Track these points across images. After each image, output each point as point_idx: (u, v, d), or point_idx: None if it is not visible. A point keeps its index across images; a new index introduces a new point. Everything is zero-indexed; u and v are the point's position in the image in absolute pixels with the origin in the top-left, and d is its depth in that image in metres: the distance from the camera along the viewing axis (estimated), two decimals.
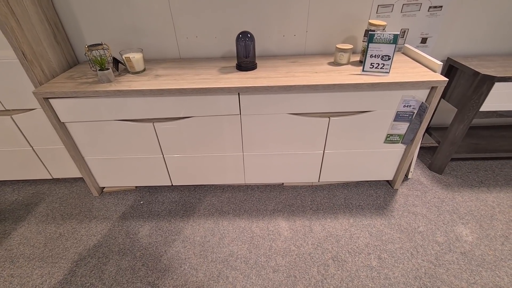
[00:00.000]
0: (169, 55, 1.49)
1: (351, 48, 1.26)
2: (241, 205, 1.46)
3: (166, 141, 1.33)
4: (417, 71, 1.20)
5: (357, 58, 1.38)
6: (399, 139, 1.33)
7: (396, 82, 1.11)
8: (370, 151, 1.38)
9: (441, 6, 1.34)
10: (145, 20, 1.37)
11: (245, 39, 1.21)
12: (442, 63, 1.16)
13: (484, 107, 1.32)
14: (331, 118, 1.25)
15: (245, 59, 1.27)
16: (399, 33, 1.09)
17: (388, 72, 1.16)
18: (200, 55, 1.48)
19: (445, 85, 1.12)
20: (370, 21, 1.22)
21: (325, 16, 1.36)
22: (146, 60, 1.44)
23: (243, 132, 1.30)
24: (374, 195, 1.49)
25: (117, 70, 1.31)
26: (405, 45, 1.43)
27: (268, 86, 1.12)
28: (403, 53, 1.44)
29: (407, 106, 1.22)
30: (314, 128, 1.29)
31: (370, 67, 1.18)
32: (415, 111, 1.23)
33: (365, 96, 1.18)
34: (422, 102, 1.19)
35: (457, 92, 1.43)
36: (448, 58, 1.48)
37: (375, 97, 1.18)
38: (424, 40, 1.44)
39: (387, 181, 1.57)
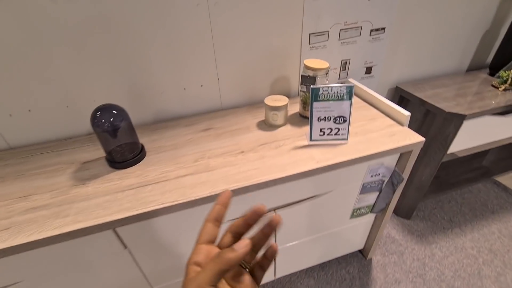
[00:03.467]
0: None
1: (286, 104, 0.85)
2: None
3: None
4: (379, 125, 0.86)
5: (295, 107, 0.98)
6: (368, 210, 0.99)
7: (361, 157, 0.74)
8: (333, 231, 1.01)
9: (384, 28, 1.04)
10: None
11: (108, 121, 0.68)
12: (409, 114, 0.83)
13: (453, 148, 1.08)
14: (277, 212, 0.82)
15: (118, 149, 0.73)
16: (353, 84, 0.71)
17: (347, 139, 0.78)
18: (44, 137, 0.87)
19: (422, 146, 0.80)
20: (305, 62, 0.83)
21: (240, 55, 0.92)
22: None
23: (141, 266, 0.77)
24: (347, 278, 1.13)
25: None
26: (348, 79, 1.09)
27: (164, 207, 0.62)
28: None
29: (375, 176, 0.87)
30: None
31: (320, 135, 0.78)
32: (386, 179, 0.89)
33: (319, 179, 0.78)
34: (395, 170, 0.85)
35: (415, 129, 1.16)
36: (397, 87, 1.21)
37: (333, 176, 0.80)
38: (369, 70, 1.13)
39: (358, 250, 1.24)
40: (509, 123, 1.14)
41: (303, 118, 0.92)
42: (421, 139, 0.78)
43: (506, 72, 1.12)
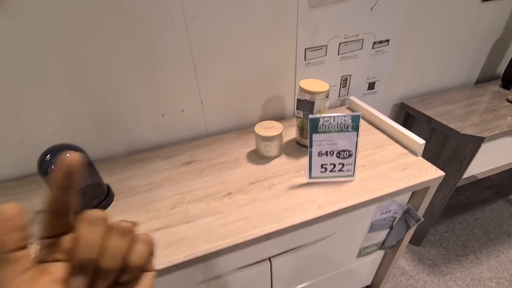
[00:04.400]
0: None
1: (280, 133, 0.72)
2: None
3: None
4: (388, 155, 0.74)
5: (291, 131, 0.86)
6: (376, 248, 0.87)
7: (371, 199, 0.62)
8: (338, 272, 0.89)
9: (388, 40, 0.93)
10: None
11: None
12: (424, 142, 0.72)
13: (469, 172, 0.96)
14: (273, 261, 0.70)
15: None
16: (360, 113, 0.59)
17: (353, 176, 0.66)
18: None
19: (441, 181, 0.68)
20: (301, 84, 0.71)
21: (226, 74, 0.80)
22: None
23: None
24: None
25: None
26: (349, 97, 0.98)
27: None
28: (348, 108, 0.99)
29: (385, 213, 0.75)
30: (248, 279, 0.71)
31: (321, 171, 0.66)
32: (398, 216, 0.77)
33: (322, 225, 0.66)
34: (409, 208, 0.73)
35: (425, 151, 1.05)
36: (402, 103, 1.10)
37: (337, 220, 0.67)
38: (371, 86, 1.02)
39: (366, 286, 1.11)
40: None
41: (300, 146, 0.80)
42: (440, 173, 0.66)
43: None
